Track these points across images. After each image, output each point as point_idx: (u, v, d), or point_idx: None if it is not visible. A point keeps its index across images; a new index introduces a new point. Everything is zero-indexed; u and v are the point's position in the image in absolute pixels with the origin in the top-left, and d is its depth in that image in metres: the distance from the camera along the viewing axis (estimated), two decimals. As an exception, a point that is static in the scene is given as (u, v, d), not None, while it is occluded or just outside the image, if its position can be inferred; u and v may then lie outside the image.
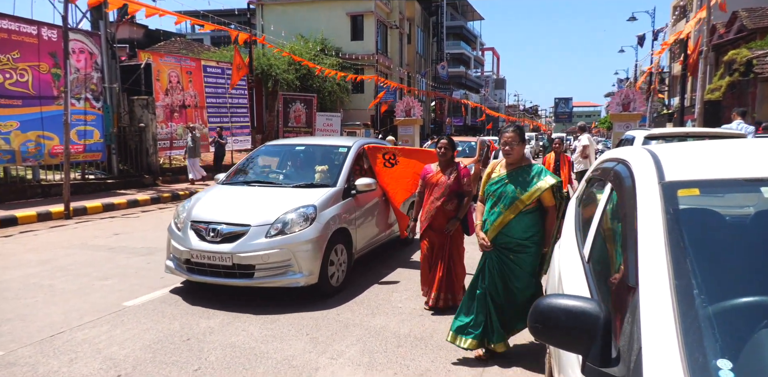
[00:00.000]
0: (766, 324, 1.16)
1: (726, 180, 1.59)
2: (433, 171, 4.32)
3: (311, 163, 5.75)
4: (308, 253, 4.37)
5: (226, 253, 4.27)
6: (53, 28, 10.63)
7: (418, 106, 19.72)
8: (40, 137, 10.47)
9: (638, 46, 35.59)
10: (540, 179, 3.19)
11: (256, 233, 4.33)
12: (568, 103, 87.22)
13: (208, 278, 4.41)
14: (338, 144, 5.87)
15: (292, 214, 4.47)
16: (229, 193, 5.13)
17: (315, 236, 4.44)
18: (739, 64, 17.16)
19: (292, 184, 5.24)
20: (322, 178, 5.36)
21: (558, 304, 1.26)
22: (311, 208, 4.56)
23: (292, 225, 4.41)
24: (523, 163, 3.30)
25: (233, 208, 4.68)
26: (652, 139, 7.01)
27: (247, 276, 4.30)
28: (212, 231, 4.42)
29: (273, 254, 4.27)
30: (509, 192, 3.22)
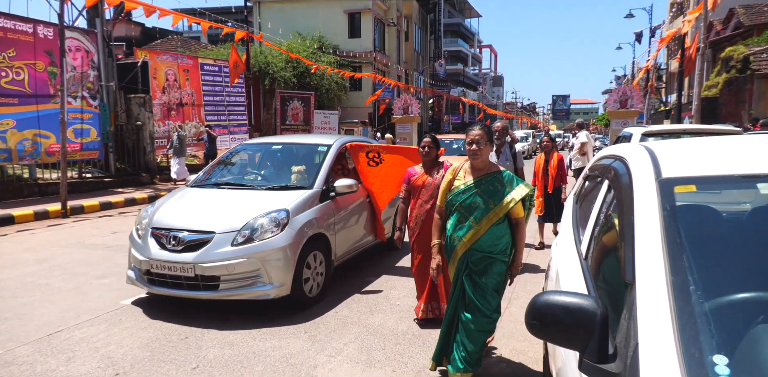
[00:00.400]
0: (762, 319, 1.16)
1: (722, 176, 1.59)
2: (418, 173, 3.96)
3: (288, 163, 5.37)
4: (279, 262, 4.00)
5: (187, 263, 3.89)
6: (49, 26, 10.58)
7: (416, 104, 19.71)
8: (37, 136, 10.43)
9: (636, 42, 35.64)
10: (512, 188, 2.81)
11: (221, 241, 3.95)
12: (566, 100, 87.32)
13: (170, 290, 4.03)
14: (318, 142, 5.48)
15: (262, 220, 4.09)
16: (195, 197, 4.73)
17: (287, 243, 4.05)
18: (736, 60, 17.19)
19: (265, 186, 4.83)
20: (299, 179, 4.99)
21: (555, 301, 1.26)
22: (283, 213, 4.19)
23: (262, 232, 4.03)
24: (491, 170, 2.88)
25: (198, 213, 4.31)
26: (650, 136, 7.03)
27: (211, 288, 3.92)
28: (173, 239, 4.02)
29: (239, 264, 3.89)
30: (480, 204, 2.80)
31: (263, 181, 5.14)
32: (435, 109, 38.46)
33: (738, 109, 17.11)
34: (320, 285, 4.49)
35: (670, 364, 1.03)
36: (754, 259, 1.36)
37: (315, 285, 4.40)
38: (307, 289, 4.28)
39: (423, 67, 38.87)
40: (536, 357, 3.39)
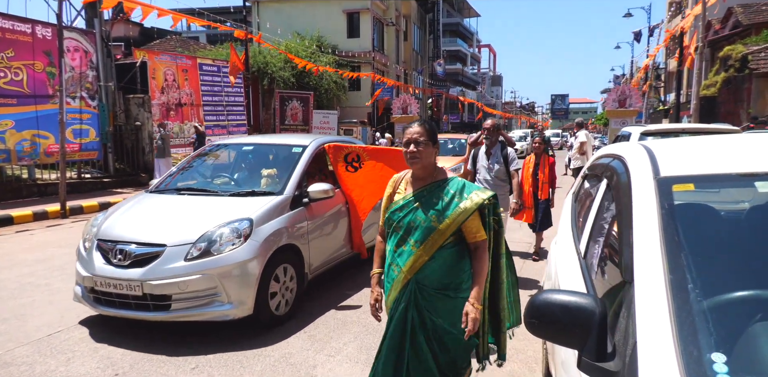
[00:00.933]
0: (760, 317, 1.17)
1: (721, 175, 1.59)
2: None
3: (260, 166, 4.91)
4: (239, 279, 3.57)
5: (134, 280, 3.47)
6: (48, 27, 10.57)
7: (415, 104, 19.73)
8: (36, 136, 10.42)
9: (634, 42, 35.64)
10: (463, 198, 2.15)
11: (172, 255, 3.52)
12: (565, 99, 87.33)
13: (117, 311, 3.60)
14: (292, 143, 4.97)
15: (221, 230, 3.66)
16: (151, 204, 4.28)
17: (249, 257, 3.62)
18: (734, 59, 17.21)
19: (229, 191, 4.38)
20: (269, 183, 4.55)
21: (554, 299, 1.27)
22: (245, 222, 3.75)
23: (220, 244, 3.60)
24: (437, 177, 2.24)
25: (149, 224, 3.87)
26: (648, 135, 7.04)
27: (162, 308, 3.51)
28: (119, 253, 3.60)
29: (193, 281, 3.46)
30: (421, 221, 2.16)
31: (229, 186, 4.74)
32: (434, 108, 38.46)
33: (736, 108, 17.13)
34: (290, 303, 4.04)
35: (669, 362, 1.03)
36: (752, 258, 1.37)
37: (283, 303, 3.96)
38: (274, 306, 3.86)
39: (422, 67, 38.87)
40: (536, 356, 3.39)
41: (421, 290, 2.17)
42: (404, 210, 2.23)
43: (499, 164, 5.02)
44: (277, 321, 3.88)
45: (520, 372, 3.22)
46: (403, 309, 2.18)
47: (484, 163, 5.08)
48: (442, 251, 2.15)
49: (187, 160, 5.22)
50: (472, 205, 2.12)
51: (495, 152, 5.07)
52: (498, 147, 5.07)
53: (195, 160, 5.22)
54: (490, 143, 5.05)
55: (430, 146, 2.18)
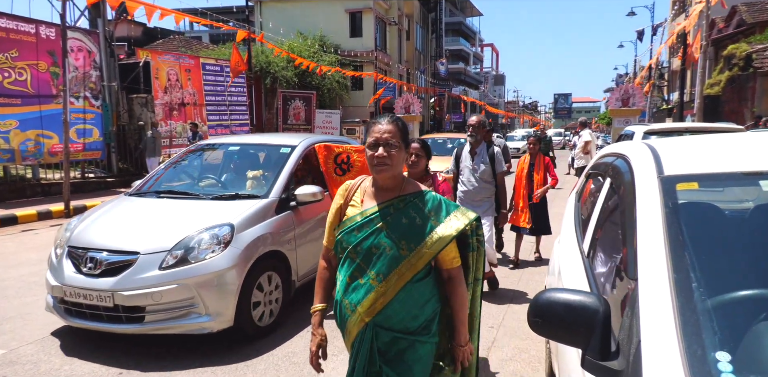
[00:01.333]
0: (764, 317, 1.17)
1: (725, 173, 1.59)
2: None
3: (246, 167, 4.73)
4: (218, 288, 3.35)
5: (105, 291, 3.26)
6: (51, 27, 10.60)
7: (417, 103, 19.71)
8: (40, 136, 10.47)
9: (638, 41, 35.52)
10: (441, 220, 1.71)
11: (146, 263, 3.31)
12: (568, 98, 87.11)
13: (88, 323, 3.39)
14: (281, 143, 4.72)
15: (200, 237, 3.44)
16: (128, 208, 4.07)
17: (229, 265, 3.40)
18: (738, 58, 17.13)
19: (212, 195, 4.15)
20: (254, 186, 4.36)
21: (557, 298, 1.27)
22: (226, 228, 3.54)
23: (198, 252, 3.39)
24: (406, 190, 1.76)
25: (124, 229, 3.65)
26: (652, 134, 7.02)
27: (135, 320, 3.30)
28: (90, 261, 3.38)
29: (168, 291, 3.25)
30: (386, 248, 1.69)
31: (212, 188, 4.50)
32: (436, 107, 38.43)
33: (740, 106, 17.05)
34: (275, 313, 3.82)
35: (673, 361, 1.03)
36: (757, 257, 1.36)
37: (267, 313, 3.73)
38: (257, 317, 3.63)
39: (424, 66, 38.84)
40: (539, 356, 3.39)
41: (380, 336, 1.71)
42: (363, 231, 1.72)
43: (485, 164, 4.60)
44: (260, 333, 3.65)
45: (523, 371, 3.22)
46: (362, 368, 1.74)
47: (468, 163, 4.67)
48: (411, 285, 1.69)
49: (171, 161, 4.96)
50: (451, 232, 1.69)
51: (480, 151, 4.66)
52: (484, 146, 4.67)
53: (179, 161, 4.96)
54: (476, 141, 4.65)
55: (402, 150, 1.71)
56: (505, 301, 4.50)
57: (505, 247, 6.20)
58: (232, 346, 3.53)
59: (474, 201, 4.58)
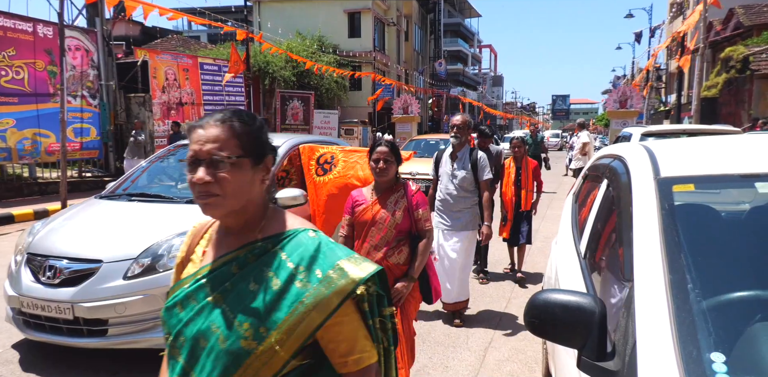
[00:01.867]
0: (759, 318, 1.17)
1: (721, 175, 1.60)
2: (367, 200, 2.67)
3: None
4: None
5: (64, 302, 3.04)
6: (49, 25, 10.58)
7: (416, 104, 19.73)
8: (37, 135, 10.44)
9: (635, 43, 35.64)
10: (313, 277, 1.00)
11: (109, 272, 3.10)
12: (566, 100, 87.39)
13: (47, 336, 3.16)
14: None
15: (169, 243, 3.21)
16: (96, 212, 3.83)
17: None
18: (735, 60, 17.20)
19: (186, 198, 3.88)
20: None
21: (554, 299, 1.27)
22: None
23: (167, 260, 3.16)
24: (268, 231, 1.08)
25: (88, 235, 3.43)
26: (649, 136, 7.04)
27: (97, 334, 3.08)
28: (49, 269, 3.16)
29: (133, 303, 3.03)
30: (219, 337, 1.00)
31: (187, 191, 4.16)
32: (434, 108, 38.47)
33: (738, 109, 17.12)
34: None
35: (668, 362, 1.04)
36: (752, 258, 1.37)
37: None
38: None
39: (423, 67, 38.88)
40: (536, 357, 3.40)
41: None
42: (188, 308, 1.06)
43: (465, 171, 4.00)
44: None
45: (520, 372, 3.23)
46: None
47: (447, 168, 4.11)
48: None
49: (149, 162, 4.76)
50: (333, 294, 0.99)
51: (462, 156, 4.08)
52: (466, 149, 4.10)
53: (156, 162, 4.75)
54: (459, 144, 4.07)
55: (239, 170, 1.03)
56: (502, 302, 4.51)
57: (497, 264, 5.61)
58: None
59: (452, 212, 4.04)
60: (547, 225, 7.91)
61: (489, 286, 4.96)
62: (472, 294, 4.73)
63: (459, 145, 4.10)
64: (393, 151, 2.63)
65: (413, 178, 9.42)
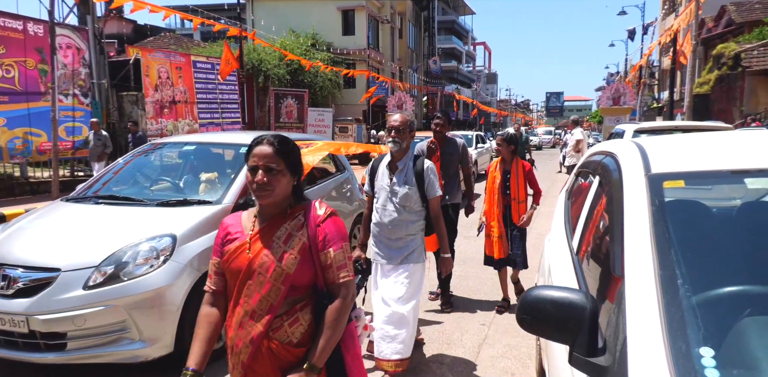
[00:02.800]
0: (748, 313, 1.18)
1: (711, 171, 1.61)
2: (243, 232, 1.68)
3: (200, 168, 4.31)
4: (155, 310, 2.91)
5: (18, 314, 2.83)
6: (39, 23, 10.48)
7: (410, 101, 19.73)
8: (28, 134, 10.36)
9: (629, 39, 35.75)
10: None
11: (68, 281, 2.87)
12: (560, 97, 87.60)
13: (1, 351, 2.95)
14: (241, 142, 4.19)
15: (134, 250, 3.01)
16: (59, 216, 3.60)
17: (168, 282, 2.96)
18: (727, 57, 17.30)
19: (157, 200, 3.68)
20: (207, 190, 3.93)
21: (546, 295, 1.28)
22: (166, 240, 3.09)
23: (132, 268, 2.95)
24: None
25: (48, 241, 3.19)
26: (642, 133, 7.08)
27: (55, 348, 2.88)
28: (3, 279, 2.94)
29: (93, 314, 2.80)
30: None
31: (158, 193, 4.06)
32: (429, 106, 38.48)
33: (729, 105, 17.23)
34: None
35: (658, 357, 1.04)
36: (741, 254, 1.38)
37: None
38: None
39: (417, 65, 38.85)
40: (530, 353, 3.42)
41: None
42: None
43: (408, 186, 3.07)
44: None
45: (513, 368, 3.24)
46: None
47: (385, 182, 3.14)
48: None
49: (116, 163, 4.51)
50: None
51: (404, 166, 3.11)
52: (409, 158, 3.14)
53: (127, 162, 4.49)
54: (399, 151, 3.10)
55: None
56: (497, 298, 4.53)
57: None
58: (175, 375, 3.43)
59: (392, 239, 3.08)
60: (541, 221, 7.94)
61: (483, 282, 4.97)
62: (465, 288, 4.74)
63: (399, 153, 3.10)
64: (282, 152, 1.58)
65: None
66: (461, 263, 5.66)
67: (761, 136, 1.93)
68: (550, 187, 12.80)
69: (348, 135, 21.71)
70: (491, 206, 4.26)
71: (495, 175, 4.28)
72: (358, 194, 5.59)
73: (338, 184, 5.36)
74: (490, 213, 4.26)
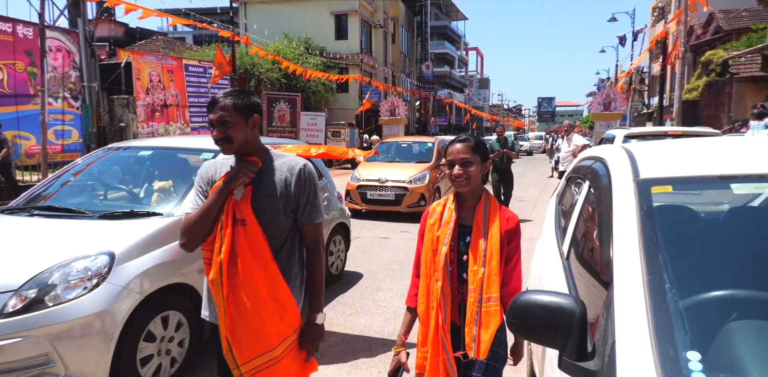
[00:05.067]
0: (735, 317, 1.19)
1: (698, 177, 1.62)
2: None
3: (155, 176, 3.87)
4: (84, 340, 2.51)
5: None
6: (29, 26, 10.41)
7: (403, 106, 19.79)
8: (17, 137, 10.25)
9: (619, 46, 36.17)
10: None
11: None
12: (551, 102, 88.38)
13: None
14: (204, 147, 3.77)
15: (64, 271, 2.59)
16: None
17: (101, 308, 2.56)
18: (715, 64, 17.56)
19: (100, 212, 3.23)
20: (160, 200, 3.50)
21: (535, 300, 1.28)
22: (103, 258, 2.70)
23: (60, 291, 2.54)
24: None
25: None
26: (632, 138, 7.15)
27: None
28: None
29: (9, 347, 2.39)
30: None
31: (103, 204, 3.59)
32: (422, 110, 38.61)
33: (718, 111, 17.46)
34: (179, 360, 3.00)
35: (646, 361, 1.05)
36: (728, 258, 1.40)
37: (167, 364, 2.92)
38: (150, 371, 2.81)
39: (410, 69, 39.01)
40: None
41: None
42: None
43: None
44: None
45: (505, 373, 3.22)
46: None
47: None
48: None
49: (62, 170, 4.04)
50: None
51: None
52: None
53: (73, 168, 4.02)
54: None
55: None
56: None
57: None
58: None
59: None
60: (533, 226, 7.97)
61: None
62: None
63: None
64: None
65: (382, 185, 8.61)
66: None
67: (748, 142, 1.96)
68: (542, 191, 12.87)
69: (341, 139, 21.73)
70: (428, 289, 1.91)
71: (436, 234, 1.93)
72: (336, 203, 5.25)
73: None
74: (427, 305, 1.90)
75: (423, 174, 8.80)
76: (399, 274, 5.38)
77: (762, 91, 15.14)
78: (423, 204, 8.49)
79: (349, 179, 9.16)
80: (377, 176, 8.71)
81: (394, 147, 10.46)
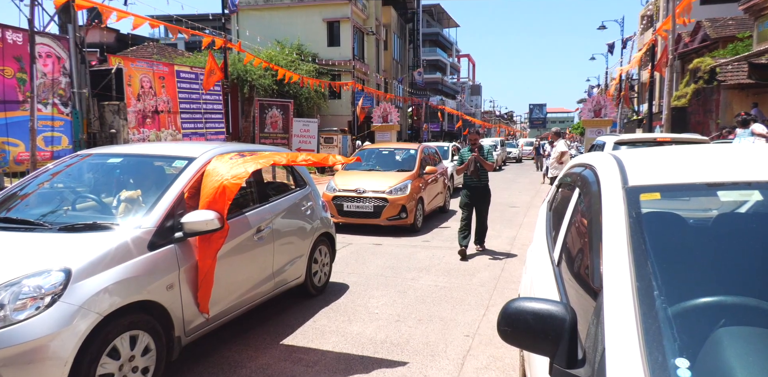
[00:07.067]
0: (723, 323, 1.20)
1: (686, 184, 1.64)
2: None
3: (124, 185, 3.66)
4: (34, 366, 2.31)
5: None
6: (18, 32, 10.34)
7: (395, 112, 19.86)
8: (5, 143, 10.14)
9: (609, 53, 36.61)
10: None
11: None
12: (543, 109, 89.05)
13: None
14: (176, 154, 3.64)
15: (12, 290, 2.40)
16: None
17: (53, 330, 2.35)
18: (703, 72, 17.82)
19: (60, 224, 2.99)
20: (126, 211, 3.29)
21: (526, 307, 1.28)
22: (58, 275, 2.49)
23: (8, 312, 2.35)
24: None
25: None
26: (622, 145, 7.22)
27: None
28: None
29: None
30: None
31: (65, 215, 3.31)
32: (414, 117, 38.74)
33: (706, 118, 17.69)
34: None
35: (635, 368, 1.05)
36: (716, 264, 1.41)
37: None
38: None
39: (402, 76, 39.20)
40: (514, 364, 3.41)
41: None
42: None
43: None
44: None
45: (498, 375, 3.23)
46: None
47: None
48: None
49: (26, 178, 3.77)
50: None
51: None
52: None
53: (36, 177, 3.75)
54: None
55: None
56: (481, 310, 4.53)
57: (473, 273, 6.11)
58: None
59: None
60: (524, 232, 8.00)
61: (468, 293, 4.97)
62: (450, 299, 4.74)
63: None
64: None
65: (360, 195, 7.93)
66: (445, 274, 5.67)
67: (733, 150, 1.99)
68: (533, 197, 12.93)
69: (333, 145, 21.72)
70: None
71: None
72: (320, 211, 4.95)
73: (295, 202, 4.59)
74: None
75: (404, 183, 8.05)
76: (391, 281, 5.37)
77: (749, 98, 15.37)
78: (404, 216, 7.80)
79: (325, 189, 8.21)
80: (355, 186, 8.00)
81: (374, 154, 9.63)
